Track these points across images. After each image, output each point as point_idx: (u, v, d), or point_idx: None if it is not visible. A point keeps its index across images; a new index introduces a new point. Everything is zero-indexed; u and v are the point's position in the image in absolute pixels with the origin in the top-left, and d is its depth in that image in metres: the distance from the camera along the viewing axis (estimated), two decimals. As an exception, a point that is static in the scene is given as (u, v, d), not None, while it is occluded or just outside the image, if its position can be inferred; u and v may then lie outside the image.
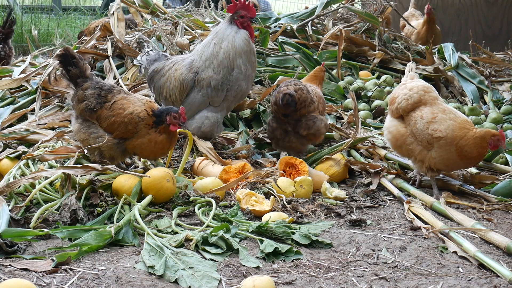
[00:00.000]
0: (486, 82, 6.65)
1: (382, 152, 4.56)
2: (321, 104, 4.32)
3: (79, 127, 3.84)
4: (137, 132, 3.74)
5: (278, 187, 3.80)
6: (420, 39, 8.04)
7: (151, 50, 4.74)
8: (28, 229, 3.17)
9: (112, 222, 3.28)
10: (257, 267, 2.92)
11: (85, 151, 3.84)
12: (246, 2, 4.39)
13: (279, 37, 6.42)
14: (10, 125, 4.87)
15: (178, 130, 4.11)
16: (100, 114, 3.77)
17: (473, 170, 4.44)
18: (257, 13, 6.95)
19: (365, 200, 3.88)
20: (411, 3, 9.02)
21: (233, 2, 4.41)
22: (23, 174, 3.71)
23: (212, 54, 4.39)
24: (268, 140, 4.83)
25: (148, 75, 4.62)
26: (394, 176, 4.21)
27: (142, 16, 6.74)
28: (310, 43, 6.56)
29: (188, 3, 7.44)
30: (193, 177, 4.11)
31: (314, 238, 3.21)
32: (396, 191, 3.96)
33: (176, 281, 2.76)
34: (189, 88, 4.44)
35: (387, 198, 3.94)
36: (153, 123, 3.74)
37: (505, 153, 4.50)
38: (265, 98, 5.23)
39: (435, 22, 8.18)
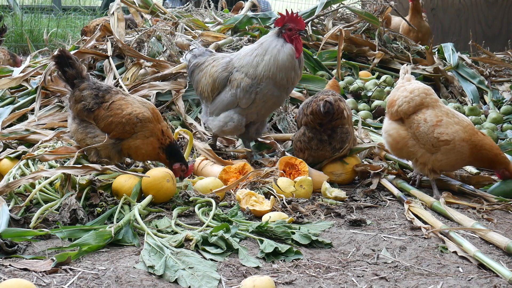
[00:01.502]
0: (486, 82, 6.65)
1: (382, 152, 4.56)
2: (350, 117, 4.34)
3: (76, 127, 3.84)
4: (135, 134, 3.74)
5: (278, 187, 3.80)
6: (404, 31, 7.99)
7: (195, 48, 4.66)
8: (28, 229, 3.17)
9: (112, 222, 3.28)
10: (257, 267, 2.92)
11: (85, 151, 3.84)
12: (294, 15, 4.24)
13: (279, 37, 6.41)
14: (10, 125, 4.87)
15: (177, 131, 4.13)
16: (98, 114, 3.77)
17: (473, 170, 4.45)
18: (257, 13, 6.96)
19: (365, 200, 3.88)
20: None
21: (281, 15, 4.28)
22: (23, 174, 3.71)
23: (251, 64, 4.26)
24: (266, 142, 4.83)
25: (189, 69, 4.57)
26: (394, 176, 4.21)
27: (142, 16, 6.74)
28: (310, 43, 6.56)
29: (188, 3, 7.44)
30: (193, 177, 4.12)
31: (314, 238, 3.21)
32: (396, 191, 3.96)
33: (176, 281, 2.76)
34: (221, 86, 4.36)
35: (387, 198, 3.94)
36: (165, 150, 3.76)
37: (505, 153, 4.49)
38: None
39: (420, 11, 8.10)
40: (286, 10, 4.29)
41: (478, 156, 3.82)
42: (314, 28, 6.88)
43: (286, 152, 4.52)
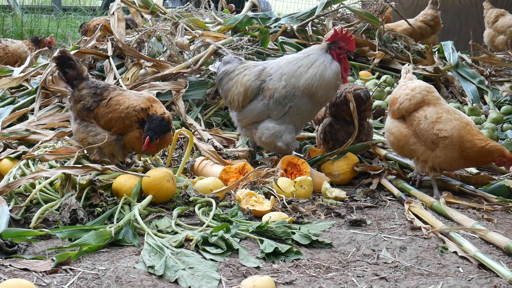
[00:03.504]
0: (486, 82, 6.66)
1: (382, 152, 4.56)
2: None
3: (78, 127, 3.87)
4: (133, 126, 3.79)
5: (278, 187, 3.80)
6: (405, 32, 8.00)
7: (225, 55, 4.56)
8: (28, 229, 3.17)
9: (112, 222, 3.28)
10: (257, 267, 2.92)
11: (85, 151, 3.85)
12: (348, 34, 4.09)
13: (279, 37, 6.42)
14: (10, 125, 4.87)
15: (177, 131, 4.13)
16: (97, 112, 3.81)
17: (473, 170, 4.45)
18: (257, 13, 6.96)
19: (365, 200, 3.88)
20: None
21: (334, 31, 4.14)
22: (23, 174, 3.71)
23: (293, 74, 4.08)
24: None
25: (218, 76, 4.41)
26: (395, 176, 4.21)
27: (142, 16, 6.75)
28: (310, 43, 6.54)
29: (188, 3, 7.44)
30: (193, 177, 4.12)
31: (314, 238, 3.21)
32: (396, 191, 3.96)
33: (176, 281, 2.76)
34: (253, 95, 4.18)
35: (387, 198, 3.94)
36: (140, 121, 3.76)
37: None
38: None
39: None
40: (341, 27, 4.15)
41: (466, 156, 3.76)
42: (314, 28, 6.88)
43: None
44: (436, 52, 7.20)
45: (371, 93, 5.94)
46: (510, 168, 3.83)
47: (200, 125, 5.04)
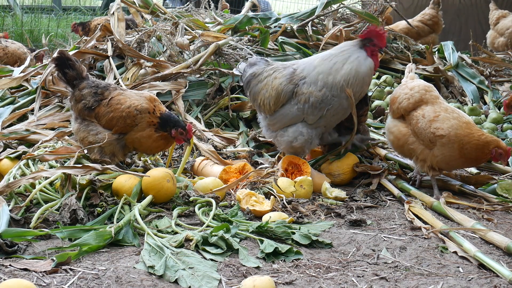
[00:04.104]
0: (486, 82, 6.65)
1: (382, 152, 4.56)
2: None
3: (79, 126, 3.89)
4: (136, 125, 3.79)
5: (278, 187, 3.80)
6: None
7: (250, 57, 4.48)
8: (28, 229, 3.17)
9: (112, 222, 3.28)
10: (257, 267, 2.92)
11: (85, 151, 3.85)
12: (381, 32, 4.05)
13: (279, 37, 6.42)
14: (10, 125, 4.87)
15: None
16: (98, 111, 3.83)
17: (473, 170, 4.45)
18: (257, 13, 6.96)
19: (365, 200, 3.88)
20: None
21: (368, 28, 4.12)
22: (23, 174, 3.71)
23: (329, 72, 4.02)
24: (268, 140, 4.84)
25: (245, 79, 4.31)
26: (395, 176, 4.21)
27: (142, 16, 6.74)
28: (310, 43, 6.55)
29: (188, 3, 7.44)
30: (193, 177, 4.12)
31: (314, 238, 3.21)
32: (396, 191, 3.96)
33: (176, 281, 2.76)
34: (286, 99, 4.10)
35: (387, 198, 3.94)
36: (158, 124, 3.78)
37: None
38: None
39: None
40: (374, 24, 4.14)
41: (465, 152, 3.74)
42: (314, 28, 6.88)
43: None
44: (436, 52, 7.19)
45: (370, 93, 5.94)
46: (507, 161, 3.80)
47: (200, 123, 5.04)
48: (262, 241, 3.12)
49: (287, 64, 4.29)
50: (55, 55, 3.94)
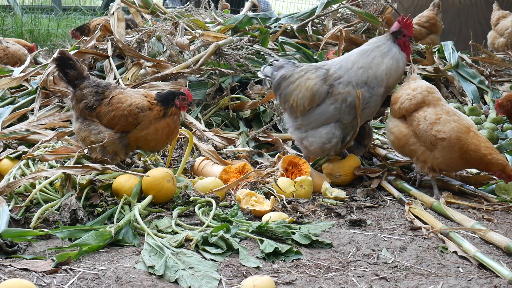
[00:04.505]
0: (486, 82, 6.65)
1: (382, 152, 4.56)
2: None
3: (80, 126, 3.89)
4: (139, 124, 3.80)
5: (278, 187, 3.80)
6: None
7: (275, 60, 4.47)
8: (28, 229, 3.17)
9: (112, 222, 3.28)
10: (257, 267, 2.92)
11: (85, 151, 3.85)
12: (409, 21, 4.11)
13: (279, 37, 6.42)
14: (10, 125, 4.87)
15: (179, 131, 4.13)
16: (100, 111, 3.83)
17: (473, 170, 4.44)
18: (257, 13, 6.96)
19: (365, 200, 3.88)
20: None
21: (397, 20, 4.15)
22: (23, 174, 3.71)
23: (368, 65, 4.05)
24: (268, 140, 4.85)
25: (275, 81, 4.28)
26: (394, 177, 4.21)
27: (142, 16, 6.74)
28: (310, 43, 6.56)
29: (188, 3, 7.44)
30: (193, 177, 4.12)
31: (314, 238, 3.21)
32: (396, 193, 3.95)
33: (176, 281, 2.76)
34: (321, 100, 4.10)
35: (387, 198, 3.94)
36: (162, 108, 3.81)
37: (505, 153, 4.50)
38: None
39: None
40: (402, 15, 4.17)
41: (467, 157, 3.75)
42: (314, 28, 6.89)
43: (290, 150, 4.55)
44: (436, 52, 7.19)
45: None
46: (508, 182, 3.84)
47: (200, 123, 5.04)
48: (262, 241, 3.12)
49: (317, 65, 4.32)
50: (55, 55, 3.94)
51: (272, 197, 3.66)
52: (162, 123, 3.82)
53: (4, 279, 2.65)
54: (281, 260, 3.01)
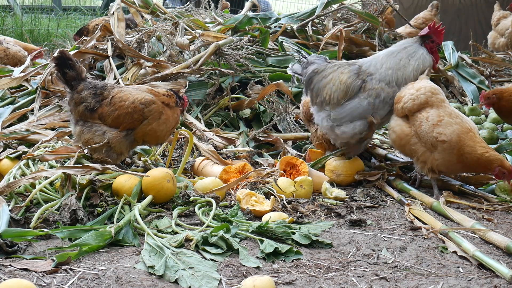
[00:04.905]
0: (487, 82, 6.65)
1: (382, 152, 4.56)
2: None
3: (81, 129, 3.86)
4: (146, 119, 3.84)
5: (278, 187, 3.80)
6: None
7: (303, 58, 4.53)
8: (28, 229, 3.17)
9: (112, 222, 3.28)
10: (257, 267, 2.92)
11: (85, 151, 3.85)
12: (440, 29, 4.20)
13: (279, 37, 6.42)
14: (10, 125, 4.87)
15: (177, 131, 4.14)
16: (102, 112, 3.82)
17: (473, 170, 4.44)
18: (257, 13, 6.96)
19: (365, 200, 3.88)
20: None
21: (428, 26, 4.23)
22: (23, 174, 3.71)
23: (396, 66, 4.17)
24: (268, 140, 4.85)
25: (307, 76, 4.35)
26: (394, 177, 4.21)
27: (142, 16, 6.74)
28: (310, 43, 6.56)
29: (188, 3, 7.44)
30: (193, 177, 4.12)
31: (314, 238, 3.21)
32: (396, 195, 3.95)
33: (176, 281, 2.76)
34: (354, 93, 4.19)
35: (388, 198, 3.94)
36: (176, 100, 3.97)
37: (505, 153, 4.49)
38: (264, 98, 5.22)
39: None
40: (434, 22, 4.23)
41: (464, 160, 3.74)
42: (314, 28, 6.88)
43: (290, 150, 4.56)
44: (436, 52, 7.18)
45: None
46: (510, 182, 3.77)
47: (201, 123, 5.04)
48: (262, 241, 3.12)
49: (349, 62, 4.43)
50: (55, 54, 3.94)
51: (272, 197, 3.66)
52: (170, 112, 3.92)
53: (4, 279, 2.65)
54: (281, 260, 3.01)
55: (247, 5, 7.88)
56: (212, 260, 2.96)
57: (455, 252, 3.14)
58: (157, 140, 3.97)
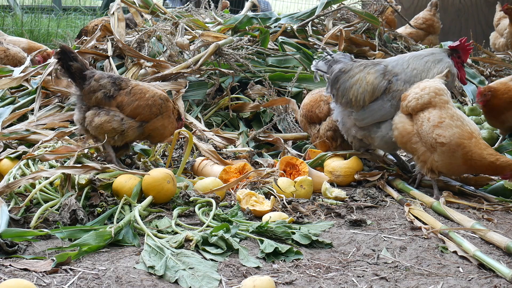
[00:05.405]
0: (487, 82, 6.64)
1: (382, 152, 4.56)
2: None
3: (95, 112, 3.91)
4: (161, 114, 3.98)
5: (278, 187, 3.80)
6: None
7: (327, 55, 4.49)
8: (28, 229, 3.17)
9: (112, 223, 3.28)
10: (257, 267, 2.92)
11: (85, 150, 3.85)
12: (469, 48, 4.24)
13: (279, 37, 6.42)
14: (10, 125, 4.87)
15: (177, 131, 4.15)
16: (122, 100, 3.92)
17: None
18: (257, 13, 6.96)
19: (365, 200, 3.88)
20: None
21: (460, 40, 4.25)
22: (23, 174, 3.71)
23: (422, 68, 4.19)
24: (268, 140, 4.85)
25: (333, 75, 4.30)
26: (394, 177, 4.21)
27: (142, 16, 6.74)
28: (310, 43, 6.56)
29: (188, 3, 7.44)
30: (193, 177, 4.12)
31: (314, 238, 3.21)
32: (396, 195, 3.95)
33: (176, 282, 2.76)
34: (379, 94, 4.18)
35: (388, 198, 3.94)
36: (178, 115, 4.14)
37: (505, 153, 4.49)
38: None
39: None
40: (466, 38, 4.29)
41: (473, 165, 3.75)
42: (314, 28, 6.88)
43: (291, 150, 4.56)
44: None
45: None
46: None
47: (201, 123, 5.04)
48: (262, 241, 3.12)
49: (375, 61, 4.42)
50: (56, 49, 3.95)
51: (272, 197, 3.66)
52: (173, 117, 4.07)
53: (4, 279, 2.66)
54: (281, 260, 3.01)
55: (247, 5, 7.88)
56: (212, 260, 2.96)
57: (455, 252, 3.14)
58: (160, 137, 4.07)
